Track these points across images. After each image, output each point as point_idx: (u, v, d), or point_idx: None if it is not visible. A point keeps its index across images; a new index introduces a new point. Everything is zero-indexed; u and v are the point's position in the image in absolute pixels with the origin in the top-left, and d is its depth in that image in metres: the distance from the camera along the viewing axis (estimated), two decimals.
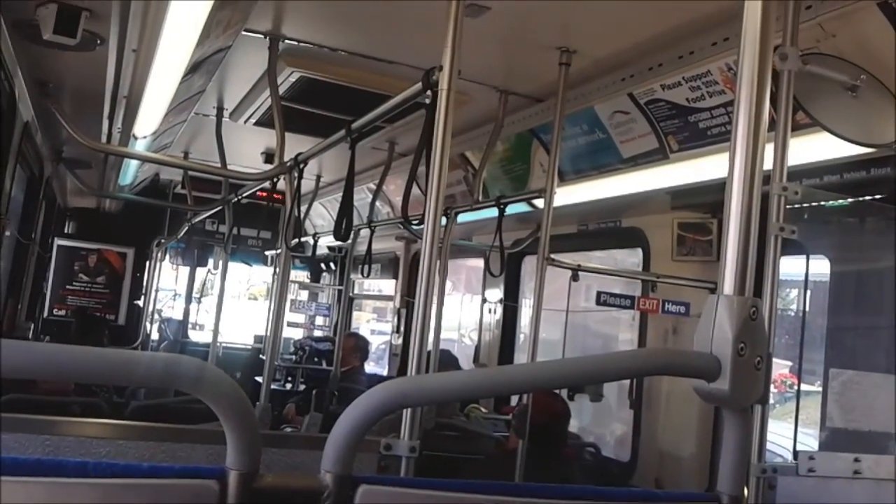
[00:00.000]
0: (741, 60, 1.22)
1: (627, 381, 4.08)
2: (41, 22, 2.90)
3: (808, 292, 3.42)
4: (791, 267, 3.24)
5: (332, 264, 8.96)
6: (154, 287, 8.21)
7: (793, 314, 4.00)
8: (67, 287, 8.63)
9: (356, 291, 8.49)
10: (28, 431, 2.31)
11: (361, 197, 5.89)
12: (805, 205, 2.45)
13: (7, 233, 4.50)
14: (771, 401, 4.40)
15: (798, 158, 2.44)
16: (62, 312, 8.54)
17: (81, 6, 2.85)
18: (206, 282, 9.23)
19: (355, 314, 9.03)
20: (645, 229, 4.08)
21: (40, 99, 4.10)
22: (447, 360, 4.84)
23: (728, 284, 1.17)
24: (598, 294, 3.34)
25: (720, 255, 1.20)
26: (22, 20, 3.02)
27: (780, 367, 4.24)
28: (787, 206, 2.21)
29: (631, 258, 4.54)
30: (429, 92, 2.15)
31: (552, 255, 3.11)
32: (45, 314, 8.40)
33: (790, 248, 2.41)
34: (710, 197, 3.27)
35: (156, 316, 8.45)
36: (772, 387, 4.48)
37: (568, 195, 3.82)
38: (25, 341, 1.31)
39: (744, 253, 1.18)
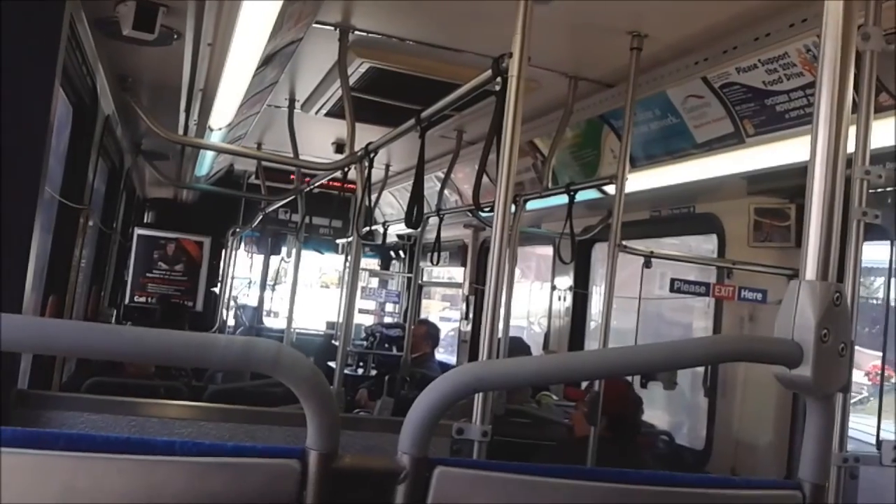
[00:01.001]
0: (823, 41, 1.19)
1: (702, 369, 4.02)
2: (121, 18, 3.00)
3: (894, 279, 3.31)
4: (875, 253, 3.13)
5: (401, 252, 9.05)
6: (230, 275, 8.42)
7: (877, 303, 3.85)
8: (147, 275, 8.92)
9: (425, 279, 8.56)
10: (115, 412, 2.41)
11: (430, 185, 5.92)
12: (889, 189, 2.38)
13: (91, 223, 4.67)
14: (864, 393, 4.26)
15: (881, 141, 2.35)
16: (142, 299, 8.83)
17: (159, 2, 2.93)
18: (279, 270, 9.43)
19: (425, 302, 9.09)
20: (720, 215, 3.99)
21: (120, 93, 4.24)
22: (519, 348, 4.85)
23: (810, 270, 1.14)
24: (672, 281, 3.29)
25: (801, 241, 1.18)
26: (102, 17, 3.13)
27: (873, 359, 4.09)
28: (870, 191, 2.14)
29: (704, 245, 4.45)
30: (498, 79, 2.15)
31: (624, 242, 3.08)
32: (127, 301, 8.70)
33: (874, 233, 2.33)
34: (787, 181, 3.18)
35: (232, 303, 8.68)
36: (865, 379, 4.35)
37: (640, 181, 3.77)
38: (115, 325, 1.37)
39: (827, 238, 1.15)
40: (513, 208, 3.92)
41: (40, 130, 2.14)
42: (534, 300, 7.01)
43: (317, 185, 5.44)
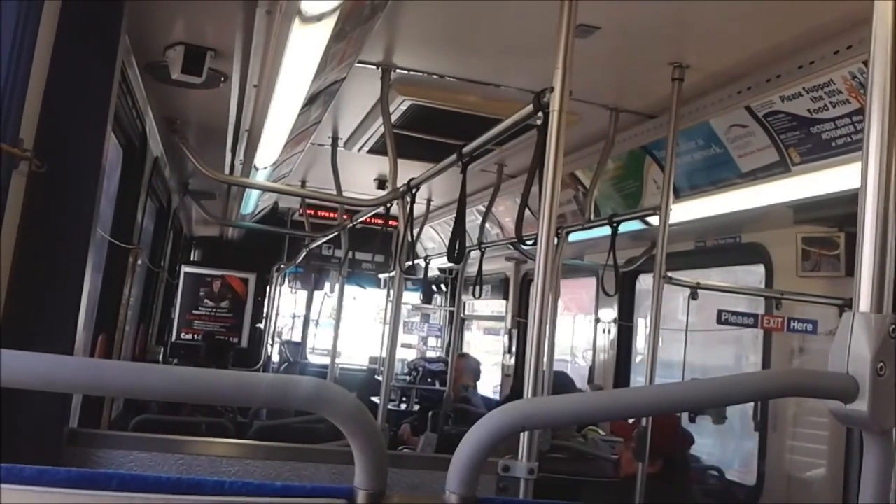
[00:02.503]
0: (871, 67, 1.17)
1: (751, 403, 3.93)
2: (170, 63, 3.09)
3: None
4: None
5: (443, 286, 9.05)
6: (274, 311, 8.49)
7: None
8: (193, 312, 9.04)
9: (467, 312, 8.53)
10: (163, 451, 2.43)
11: (471, 219, 5.93)
12: None
13: (139, 262, 4.76)
14: None
15: None
16: (189, 336, 8.94)
17: (206, 47, 3.01)
18: (325, 306, 9.44)
19: (468, 336, 9.02)
20: (767, 245, 3.93)
21: (169, 135, 4.34)
22: (565, 383, 4.80)
23: (864, 301, 1.12)
24: (719, 312, 3.24)
25: (850, 270, 1.15)
26: (152, 62, 3.22)
27: None
28: None
29: (748, 277, 4.37)
30: (540, 113, 2.16)
31: (669, 273, 3.04)
32: (174, 338, 8.82)
33: None
34: (836, 210, 3.13)
35: (276, 339, 8.74)
36: None
37: (684, 211, 3.73)
38: (163, 366, 1.40)
39: (880, 268, 1.12)
40: (555, 240, 3.91)
41: (93, 174, 2.20)
42: (577, 333, 6.94)
43: (359, 220, 5.49)
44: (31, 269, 2.02)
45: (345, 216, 5.83)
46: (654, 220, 3.62)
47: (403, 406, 7.53)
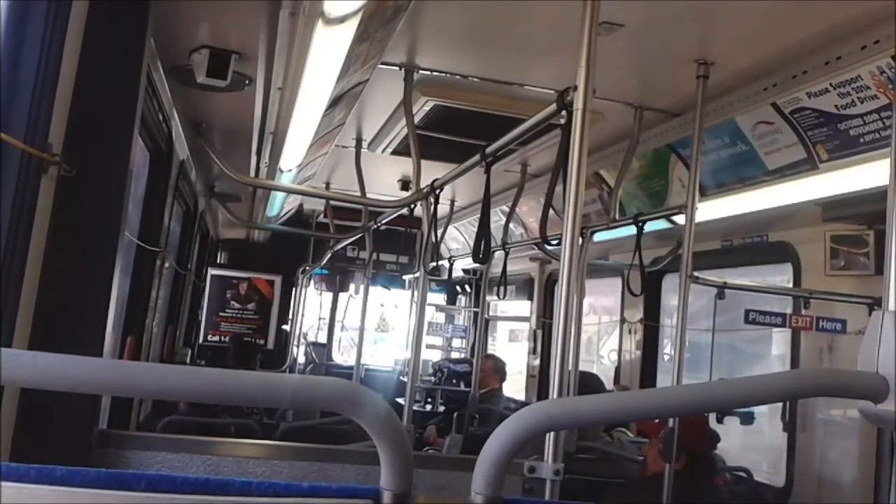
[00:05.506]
0: None
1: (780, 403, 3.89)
2: (195, 67, 3.11)
3: None
4: None
5: (467, 287, 9.04)
6: (300, 312, 8.53)
7: None
8: (220, 314, 9.09)
9: (492, 313, 8.51)
10: (191, 452, 2.46)
11: (495, 219, 5.91)
12: None
13: (166, 264, 4.81)
14: None
15: None
16: (216, 338, 9.00)
17: (231, 50, 3.03)
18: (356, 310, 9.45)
19: (494, 346, 9.00)
20: (794, 243, 3.89)
21: (194, 138, 4.38)
22: (594, 384, 4.78)
23: (893, 300, 1.10)
24: (747, 312, 3.21)
25: (880, 268, 1.14)
26: (177, 66, 3.25)
27: None
28: None
29: (773, 277, 4.32)
30: (563, 112, 2.15)
31: (695, 273, 3.01)
32: (201, 340, 8.89)
33: None
34: (864, 207, 3.08)
35: (302, 340, 8.77)
36: None
37: (709, 210, 3.70)
38: (191, 367, 1.41)
39: None
40: (580, 240, 3.89)
41: (120, 177, 2.22)
42: (602, 333, 6.91)
43: (384, 222, 5.50)
44: (61, 272, 2.05)
45: (369, 218, 5.85)
46: (680, 219, 3.60)
47: (429, 407, 7.53)
